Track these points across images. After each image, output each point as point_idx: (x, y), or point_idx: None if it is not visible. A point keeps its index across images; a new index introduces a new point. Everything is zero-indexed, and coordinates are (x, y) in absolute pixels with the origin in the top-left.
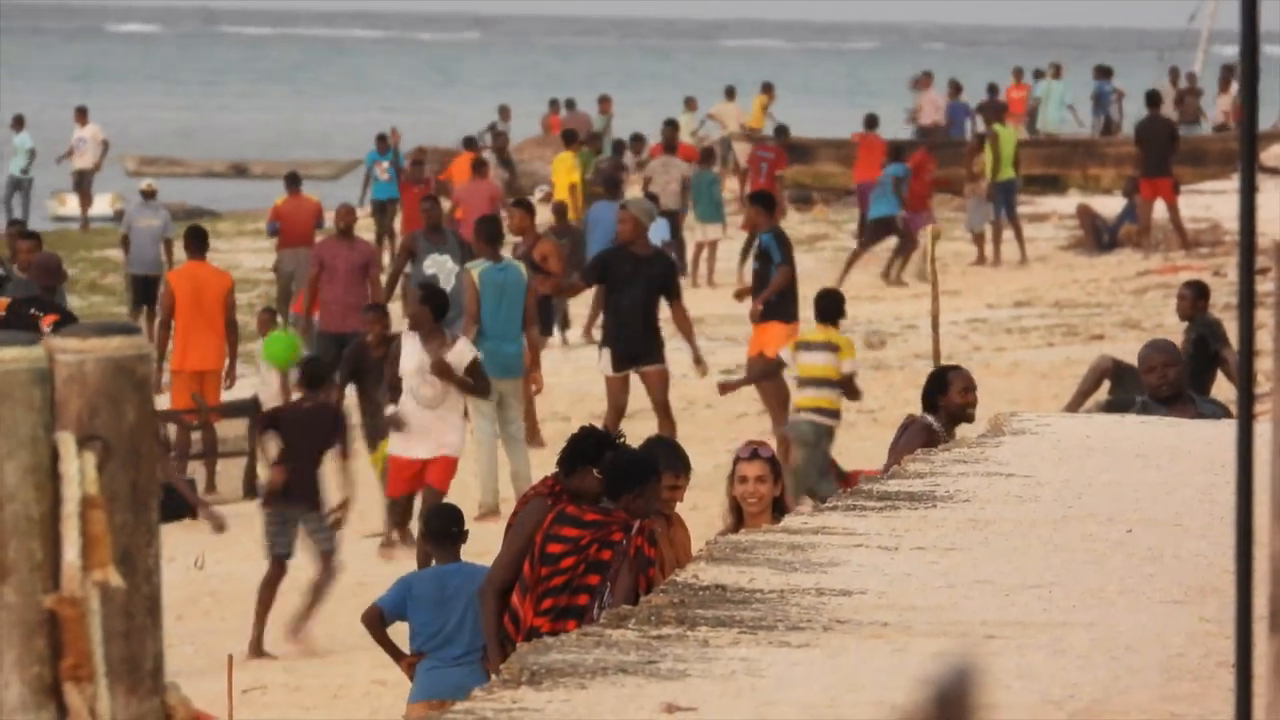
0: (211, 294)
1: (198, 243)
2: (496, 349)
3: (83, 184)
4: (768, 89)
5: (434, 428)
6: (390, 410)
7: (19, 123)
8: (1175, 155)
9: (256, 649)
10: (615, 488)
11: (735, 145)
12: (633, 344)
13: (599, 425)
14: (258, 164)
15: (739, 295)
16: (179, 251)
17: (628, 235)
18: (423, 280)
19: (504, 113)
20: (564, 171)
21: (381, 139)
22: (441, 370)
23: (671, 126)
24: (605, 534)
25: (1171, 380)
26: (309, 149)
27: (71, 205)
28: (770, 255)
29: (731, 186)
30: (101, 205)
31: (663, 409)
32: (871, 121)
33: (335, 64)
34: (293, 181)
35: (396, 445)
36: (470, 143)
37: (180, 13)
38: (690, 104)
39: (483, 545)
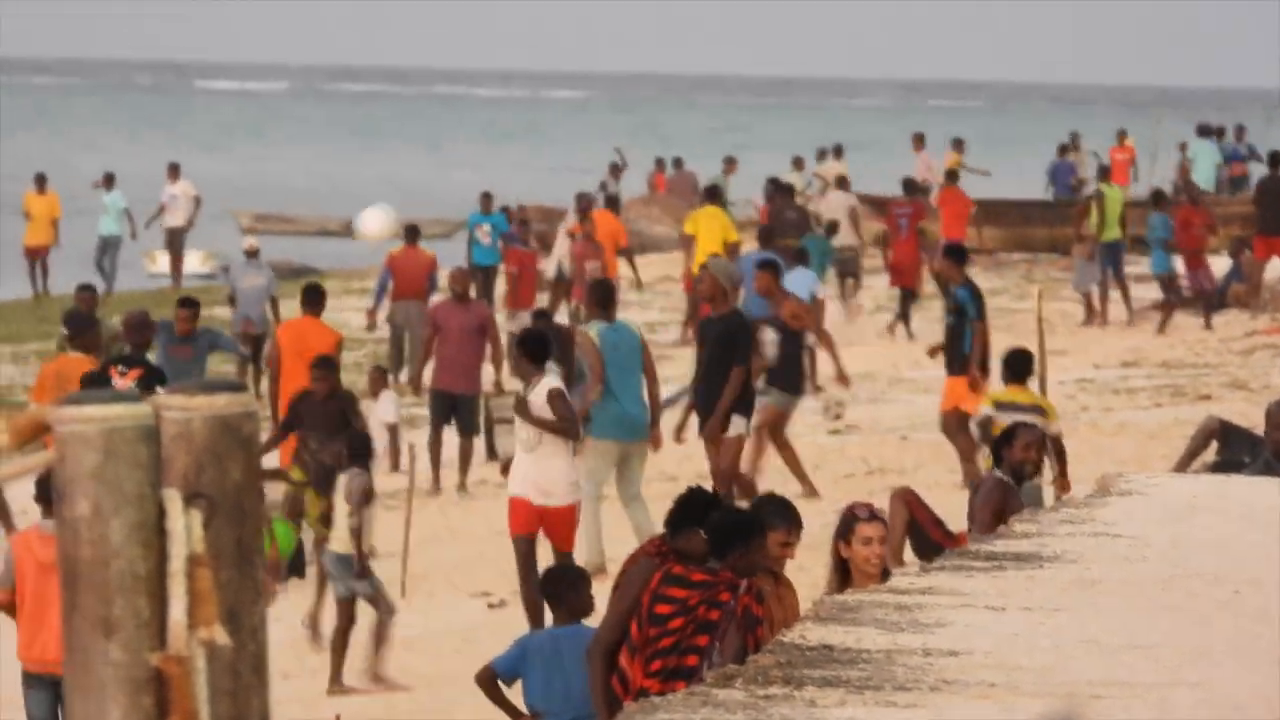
0: (316, 348)
1: (311, 299)
2: (620, 410)
3: (174, 242)
4: (958, 145)
5: (536, 473)
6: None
7: (109, 181)
8: None
9: (336, 683)
10: (720, 546)
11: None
12: (704, 407)
13: (706, 485)
14: (422, 221)
15: (932, 352)
16: (285, 310)
17: (704, 295)
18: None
19: (614, 170)
20: (709, 225)
21: (485, 198)
22: (520, 409)
23: (775, 184)
24: (713, 594)
25: None
26: (421, 207)
27: (163, 263)
28: (965, 310)
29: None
30: (193, 263)
31: (720, 476)
32: (952, 176)
33: (444, 120)
34: (411, 234)
35: (512, 487)
36: (582, 200)
37: (277, 70)
38: (798, 163)
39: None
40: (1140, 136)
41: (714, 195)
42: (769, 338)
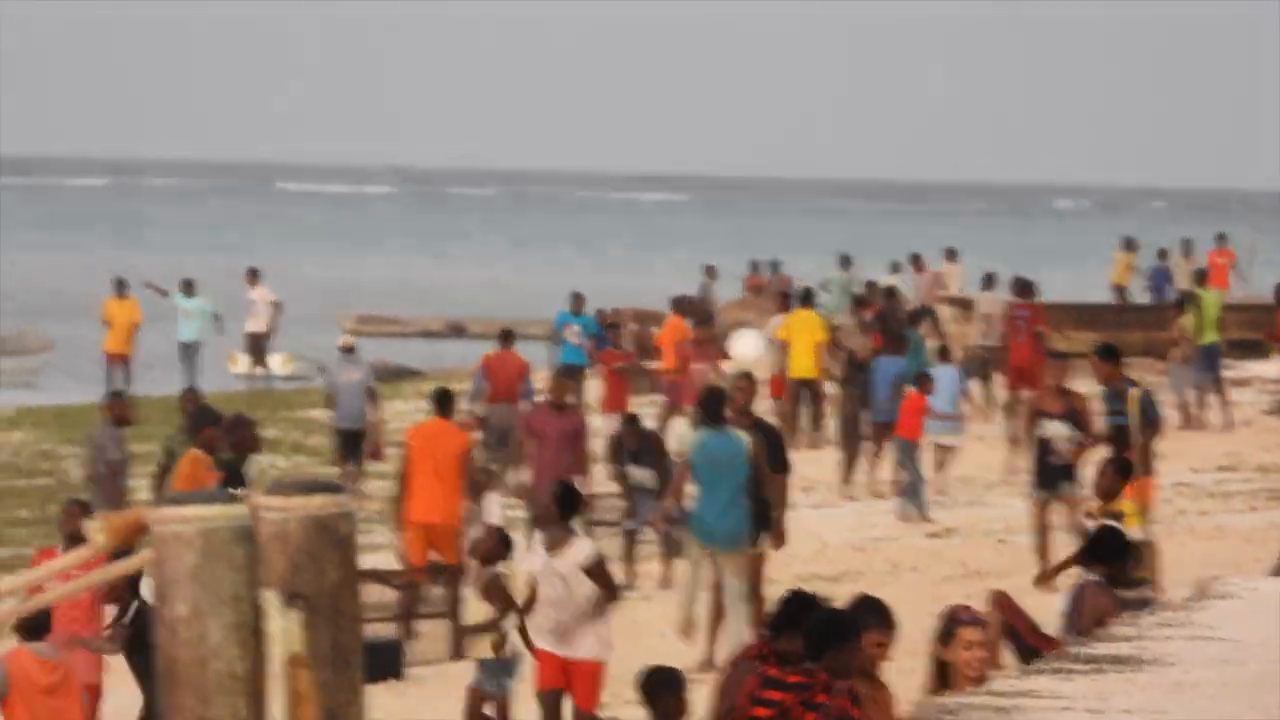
0: (446, 450)
1: (441, 402)
2: (700, 519)
3: (256, 346)
4: (1130, 245)
5: (568, 627)
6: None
7: (189, 286)
8: None
9: None
10: (816, 648)
11: (939, 309)
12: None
13: (805, 588)
14: (475, 323)
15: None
16: (389, 407)
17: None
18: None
19: (710, 273)
20: (802, 329)
21: (576, 298)
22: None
23: (883, 290)
24: (809, 695)
25: None
26: (523, 308)
27: (243, 364)
28: (1148, 411)
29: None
30: (276, 366)
31: (754, 590)
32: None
33: (548, 223)
34: (505, 338)
35: (539, 640)
36: (680, 303)
37: (378, 173)
38: (896, 266)
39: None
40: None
41: (808, 299)
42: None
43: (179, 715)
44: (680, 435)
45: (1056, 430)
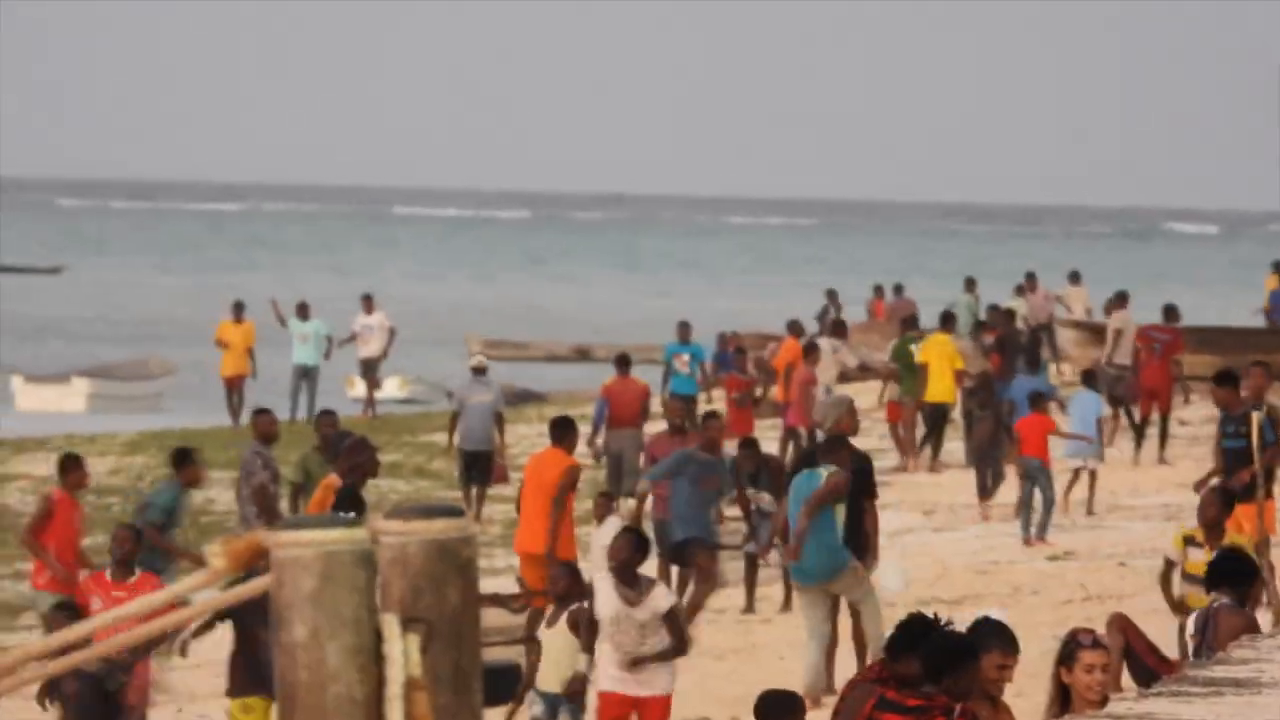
0: (549, 478)
1: (557, 431)
2: (800, 560)
3: (369, 371)
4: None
5: (628, 675)
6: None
7: (303, 310)
8: None
9: None
10: (935, 670)
11: (1060, 331)
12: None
13: (927, 611)
14: (600, 348)
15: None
16: (512, 432)
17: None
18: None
19: (832, 297)
20: (939, 353)
21: (683, 327)
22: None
23: (996, 309)
24: (927, 718)
25: None
26: (648, 333)
27: (360, 389)
28: (1266, 433)
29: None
30: (391, 389)
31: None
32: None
33: (671, 247)
34: (622, 363)
35: (603, 682)
36: (795, 327)
37: (513, 198)
38: (1020, 290)
39: None
40: None
41: (947, 322)
42: None
43: None
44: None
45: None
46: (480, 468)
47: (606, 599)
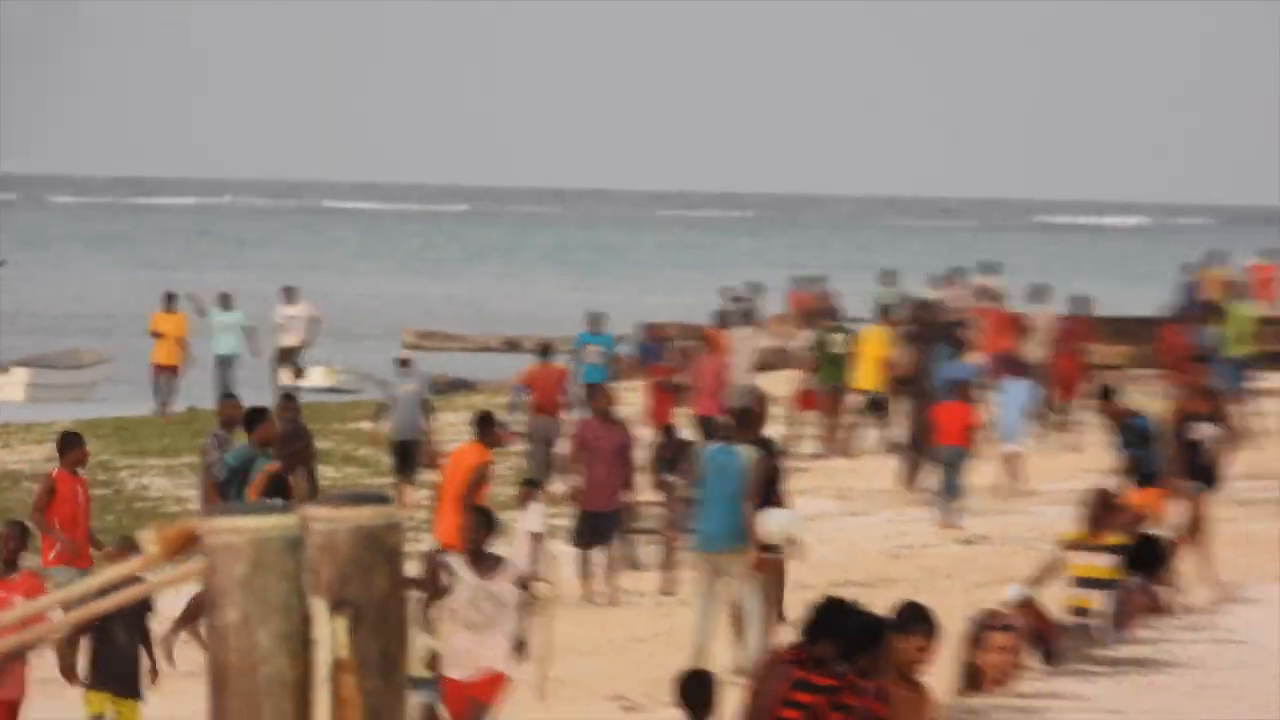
0: (462, 472)
1: (478, 427)
2: (701, 527)
3: (288, 359)
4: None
5: (477, 650)
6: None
7: (225, 300)
8: None
9: None
10: (848, 651)
11: (977, 322)
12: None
13: (840, 594)
14: (528, 339)
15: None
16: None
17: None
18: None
19: (755, 289)
20: (873, 344)
21: (593, 319)
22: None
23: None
24: (838, 698)
25: None
26: (574, 326)
27: (315, 377)
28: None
29: None
30: (317, 378)
31: (775, 593)
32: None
33: (605, 241)
34: (544, 352)
35: (448, 669)
36: (719, 318)
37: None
38: (936, 281)
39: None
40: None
41: (884, 314)
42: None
43: (230, 719)
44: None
45: (1206, 431)
46: (409, 456)
47: (462, 574)
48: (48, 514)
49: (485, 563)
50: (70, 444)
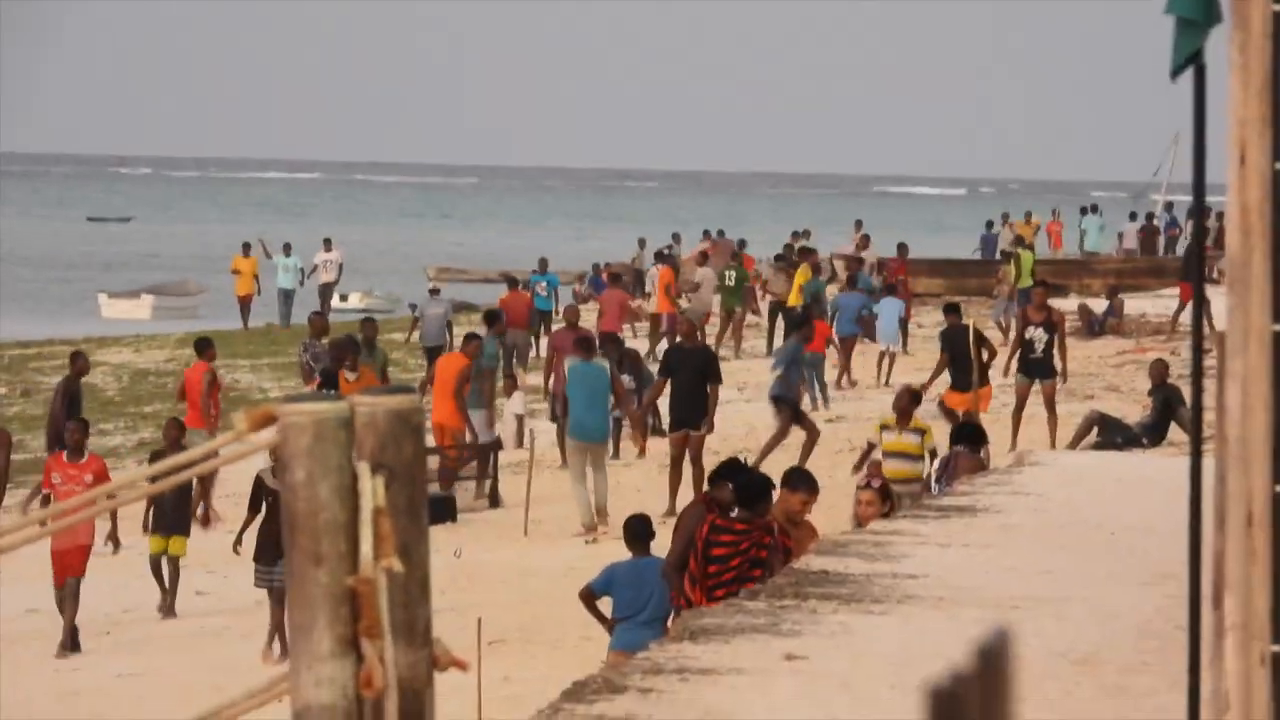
0: (451, 372)
1: (464, 340)
2: (579, 423)
3: (325, 293)
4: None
5: None
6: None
7: (287, 249)
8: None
9: None
10: (746, 500)
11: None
12: (682, 413)
13: (737, 456)
14: (518, 273)
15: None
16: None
17: (683, 332)
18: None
19: (676, 238)
20: (798, 279)
21: (542, 261)
22: None
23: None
24: (758, 537)
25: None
26: (566, 264)
27: (353, 301)
28: (982, 342)
29: None
30: (354, 301)
31: (696, 460)
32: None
33: (570, 206)
34: (513, 282)
35: None
36: (663, 258)
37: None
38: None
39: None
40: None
41: (805, 255)
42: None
43: (298, 550)
44: (658, 354)
45: (1038, 334)
46: (435, 358)
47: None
48: (190, 396)
49: None
50: (205, 346)
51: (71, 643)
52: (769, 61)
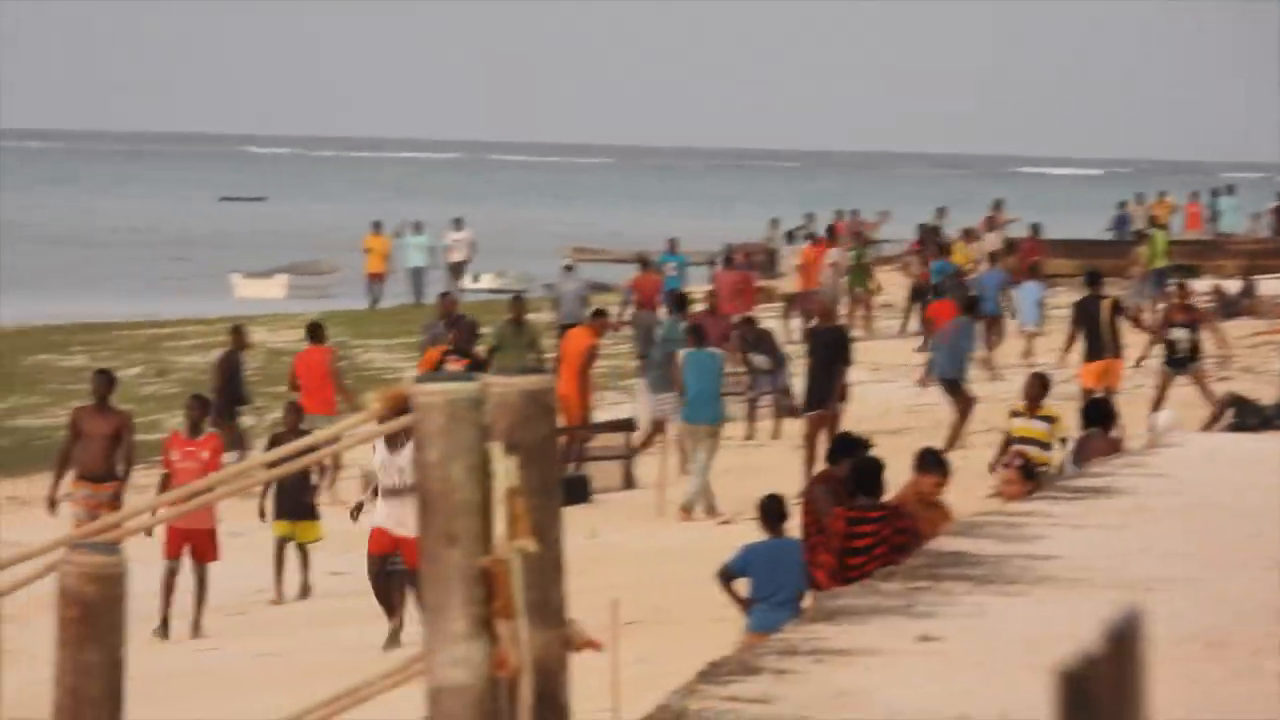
0: (576, 349)
1: (591, 316)
2: (690, 408)
3: (456, 272)
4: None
5: (401, 513)
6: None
7: (418, 227)
8: None
9: None
10: (863, 484)
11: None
12: (816, 392)
13: (849, 432)
14: (650, 254)
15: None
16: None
17: (817, 312)
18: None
19: (809, 218)
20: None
21: (671, 242)
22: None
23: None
24: (893, 524)
25: None
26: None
27: (485, 281)
28: (1118, 315)
29: None
30: (486, 281)
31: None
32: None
33: (687, 187)
34: (644, 263)
35: (375, 519)
36: (811, 237)
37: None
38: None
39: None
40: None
41: (968, 235)
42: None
43: (432, 530)
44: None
45: (1181, 334)
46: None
47: (377, 449)
48: (301, 377)
49: (394, 438)
50: (320, 330)
51: (163, 628)
52: (908, 44)
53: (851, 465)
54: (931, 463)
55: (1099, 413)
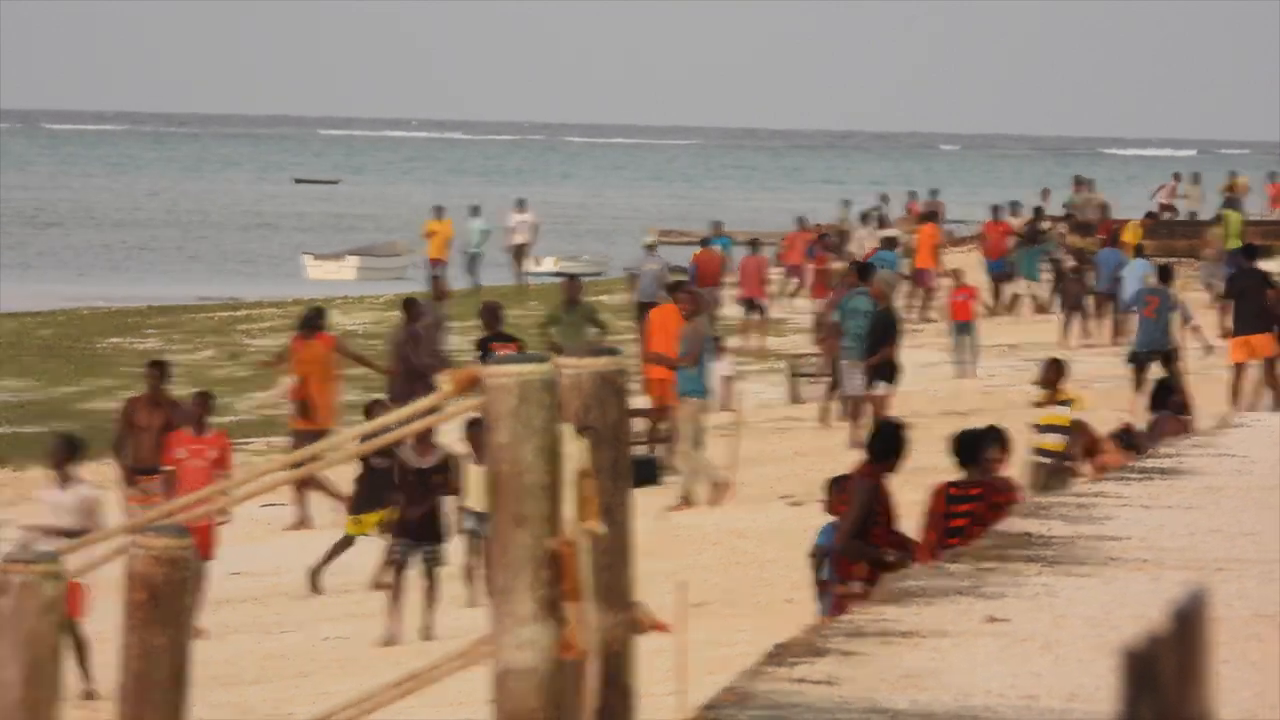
0: (668, 328)
1: (673, 289)
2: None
3: (518, 254)
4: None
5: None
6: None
7: (475, 211)
8: None
9: None
10: (972, 453)
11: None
12: (870, 374)
13: (888, 419)
14: (736, 233)
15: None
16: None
17: (876, 295)
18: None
19: (884, 199)
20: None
21: (715, 224)
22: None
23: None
24: (991, 499)
25: None
26: (738, 224)
27: (546, 265)
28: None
29: None
30: (548, 265)
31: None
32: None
33: (773, 165)
34: (706, 241)
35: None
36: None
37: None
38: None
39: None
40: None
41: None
42: None
43: (502, 512)
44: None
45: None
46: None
47: (45, 491)
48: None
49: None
50: (315, 318)
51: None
52: (989, 18)
53: (953, 438)
54: (994, 440)
55: (1167, 395)
